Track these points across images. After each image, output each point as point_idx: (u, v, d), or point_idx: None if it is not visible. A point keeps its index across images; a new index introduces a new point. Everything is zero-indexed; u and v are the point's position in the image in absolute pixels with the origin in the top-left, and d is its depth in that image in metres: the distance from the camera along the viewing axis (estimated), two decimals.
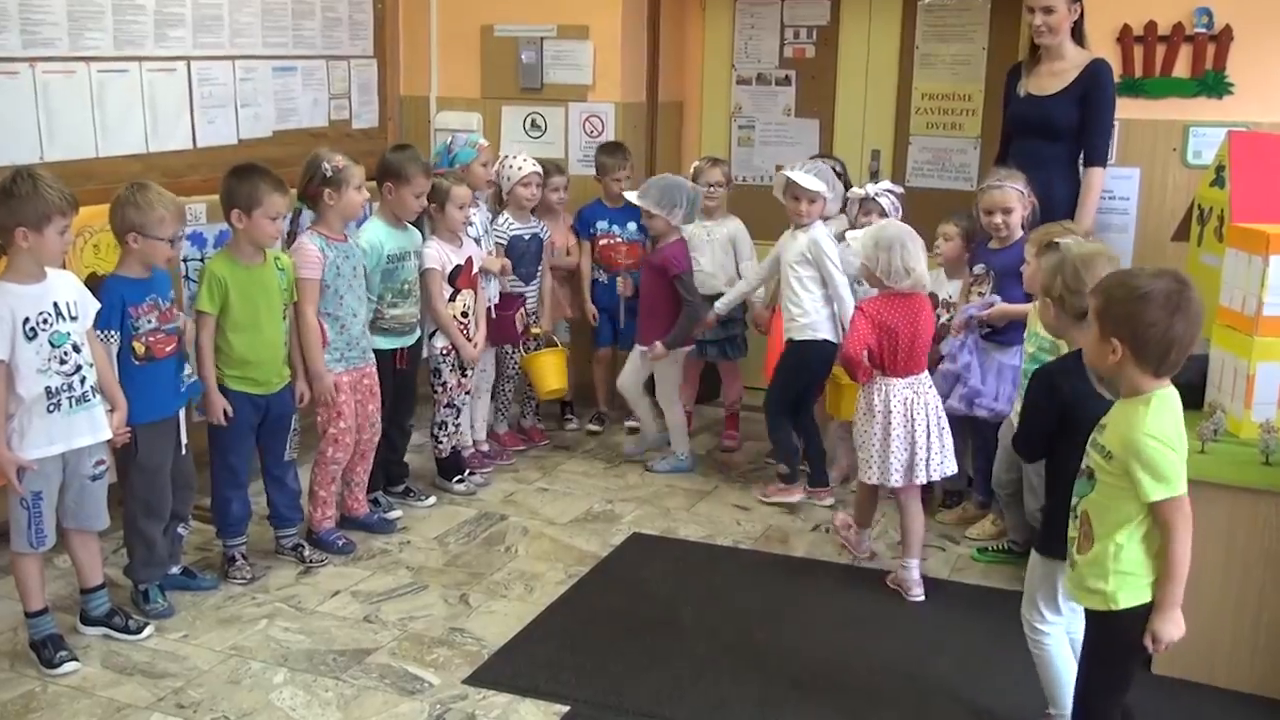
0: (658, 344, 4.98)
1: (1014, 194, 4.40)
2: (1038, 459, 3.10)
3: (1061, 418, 2.87)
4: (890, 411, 3.97)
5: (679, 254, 4.97)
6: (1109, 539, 2.60)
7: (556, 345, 5.32)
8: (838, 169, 5.17)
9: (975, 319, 4.39)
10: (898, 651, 3.71)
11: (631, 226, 5.54)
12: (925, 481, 4.06)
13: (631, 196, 4.91)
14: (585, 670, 3.55)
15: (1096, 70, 4.66)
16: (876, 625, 3.89)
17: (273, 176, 3.93)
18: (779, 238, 5.15)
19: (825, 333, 4.69)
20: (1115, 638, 2.65)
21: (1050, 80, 4.72)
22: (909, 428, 3.97)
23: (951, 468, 4.08)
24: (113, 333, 3.60)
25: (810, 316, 4.69)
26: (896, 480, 4.00)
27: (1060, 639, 3.06)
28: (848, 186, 5.12)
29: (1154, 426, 2.52)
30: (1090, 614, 2.70)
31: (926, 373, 4.04)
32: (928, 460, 4.00)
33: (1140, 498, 2.53)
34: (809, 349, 4.70)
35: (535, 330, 5.29)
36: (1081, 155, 4.71)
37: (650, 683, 3.49)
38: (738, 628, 3.85)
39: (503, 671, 3.55)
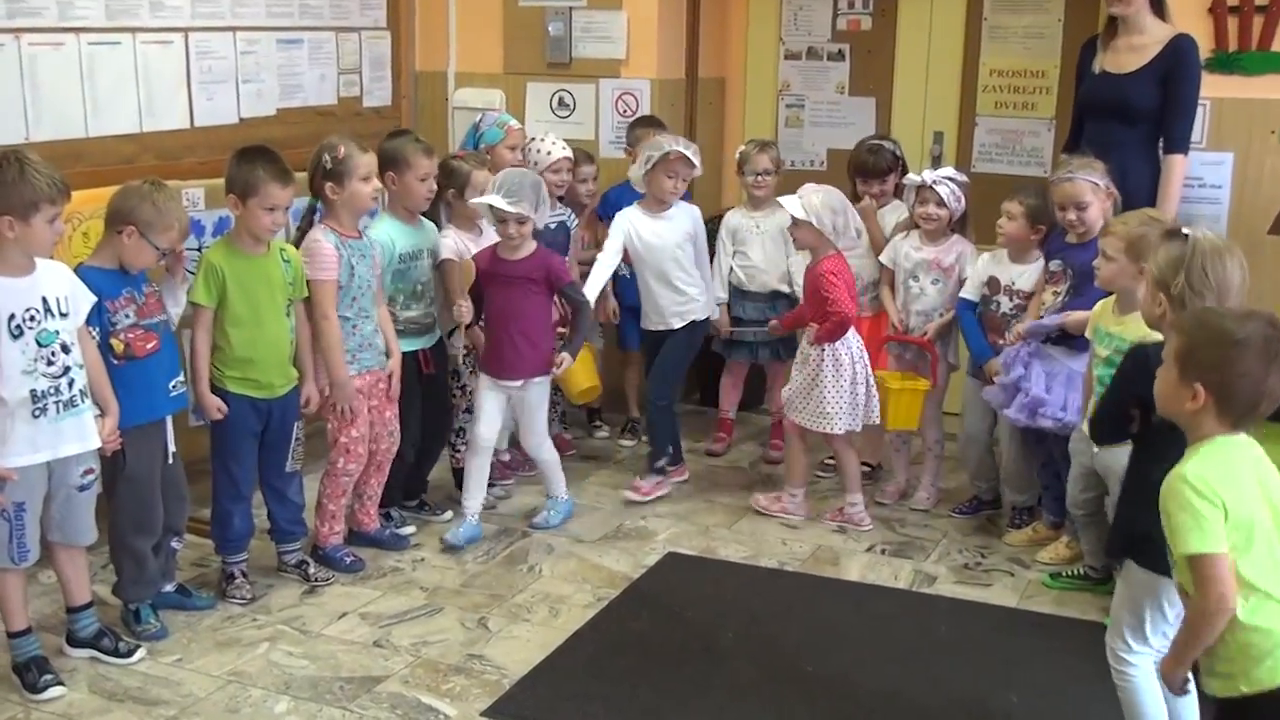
0: (564, 355, 4.66)
1: (1086, 186, 4.33)
2: (1110, 440, 3.08)
3: (1145, 402, 2.81)
4: (855, 360, 4.65)
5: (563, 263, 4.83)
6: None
7: (585, 343, 5.32)
8: (896, 151, 5.17)
9: (1046, 332, 4.36)
10: (960, 685, 3.70)
11: None
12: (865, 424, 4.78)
13: (497, 201, 4.41)
14: (615, 701, 3.56)
15: (1181, 46, 4.62)
16: (936, 656, 3.87)
17: (278, 165, 3.94)
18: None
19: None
20: None
21: (1129, 56, 4.68)
22: (862, 374, 4.70)
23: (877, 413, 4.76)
24: (92, 330, 3.62)
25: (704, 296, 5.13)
26: (867, 420, 4.71)
27: (1149, 671, 3.02)
28: (904, 171, 5.12)
29: (1193, 470, 2.45)
30: (1216, 701, 2.58)
31: None
32: (867, 403, 4.72)
33: (1175, 551, 2.46)
34: (702, 329, 5.20)
35: (562, 330, 5.29)
36: (1161, 141, 4.68)
37: (686, 716, 3.50)
38: (783, 657, 3.85)
39: (525, 702, 3.56)
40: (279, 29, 5.25)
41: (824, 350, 4.66)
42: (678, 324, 5.08)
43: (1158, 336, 3.06)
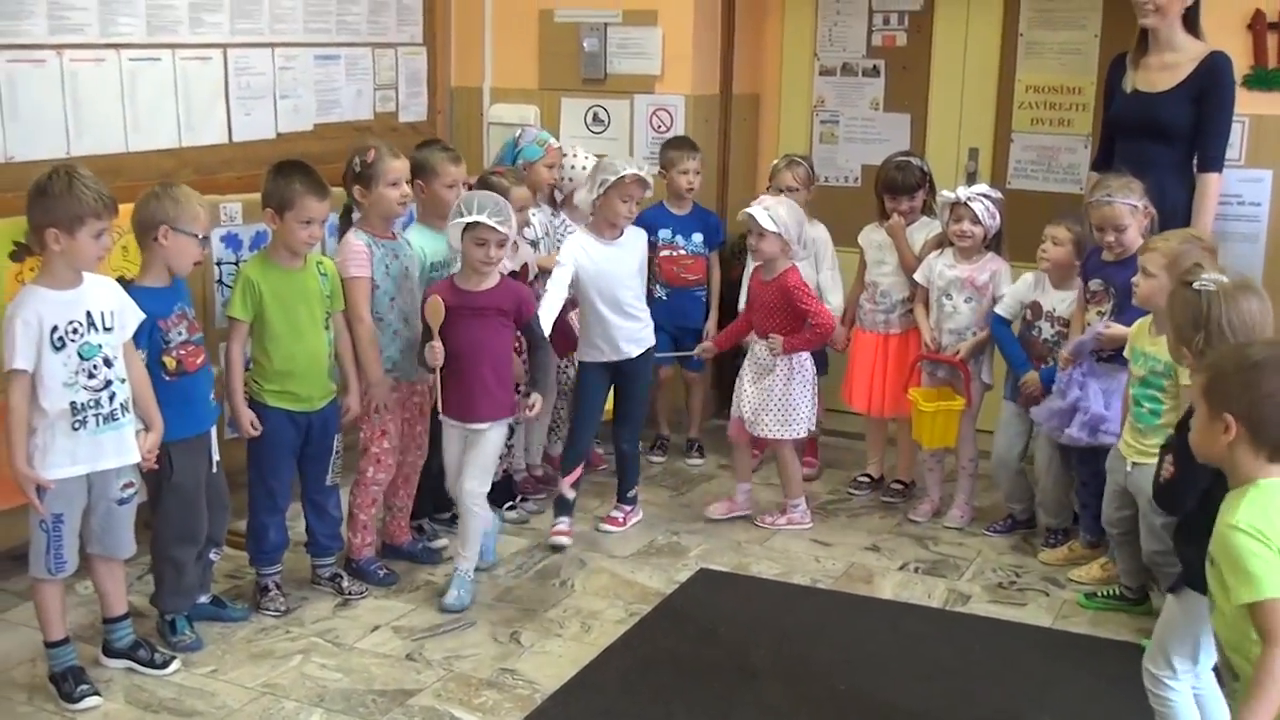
0: (535, 395, 4.35)
1: (1125, 209, 4.30)
2: (1177, 514, 3.03)
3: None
4: (807, 369, 4.83)
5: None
6: (1246, 666, 2.46)
7: None
8: (924, 168, 5.16)
9: (1089, 348, 4.34)
10: (995, 706, 3.68)
11: (698, 238, 5.56)
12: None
13: (486, 219, 4.05)
14: (647, 718, 3.56)
15: (1216, 64, 4.59)
16: (971, 676, 3.86)
17: (313, 178, 3.99)
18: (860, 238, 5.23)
19: None
20: None
21: (1161, 75, 4.65)
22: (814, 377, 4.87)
23: None
24: (140, 351, 3.66)
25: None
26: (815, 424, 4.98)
27: (1187, 697, 3.00)
28: (933, 189, 5.11)
29: (1244, 517, 2.41)
30: None
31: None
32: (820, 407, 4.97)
33: (1232, 600, 2.40)
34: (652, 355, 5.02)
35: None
36: (1195, 159, 4.65)
37: None
38: (816, 675, 3.84)
39: (557, 718, 3.57)
40: (316, 45, 5.31)
41: (790, 359, 4.78)
42: (635, 351, 4.79)
43: None
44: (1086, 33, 5.68)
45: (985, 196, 4.80)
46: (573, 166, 5.25)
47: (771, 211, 4.66)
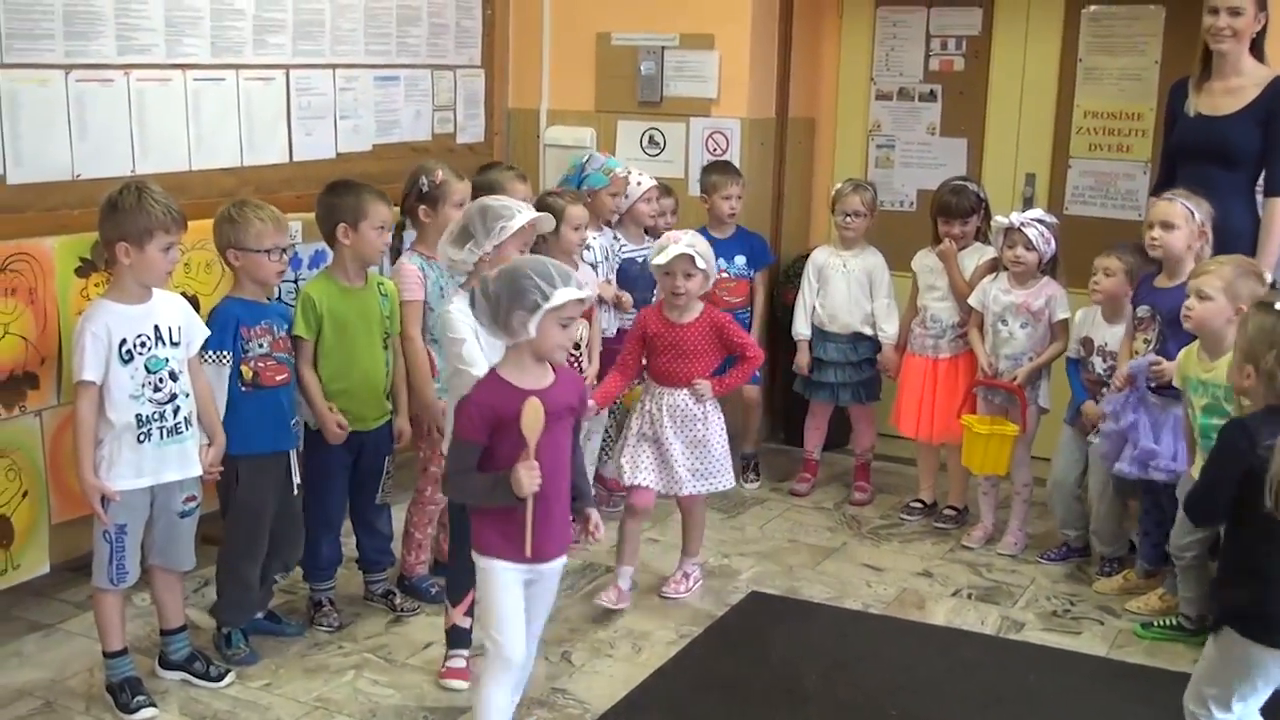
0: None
1: (1181, 211, 4.29)
2: (1208, 524, 3.03)
3: (1246, 479, 2.79)
4: (721, 411, 4.46)
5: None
6: None
7: None
8: (979, 193, 5.15)
9: (1143, 372, 4.31)
10: None
11: (740, 260, 5.57)
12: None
13: (575, 294, 3.17)
14: None
15: None
16: (1024, 705, 3.84)
17: (373, 188, 4.08)
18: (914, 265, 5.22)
19: None
20: None
21: (1225, 99, 4.63)
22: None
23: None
24: (225, 354, 3.76)
25: None
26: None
27: None
28: (989, 216, 5.09)
29: None
30: None
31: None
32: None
33: None
34: None
35: None
36: (1262, 183, 4.62)
37: None
38: (868, 701, 3.83)
39: None
40: (377, 66, 5.38)
41: (707, 406, 4.38)
42: None
43: None
44: (1146, 58, 5.65)
45: (1039, 221, 4.79)
46: (629, 184, 5.28)
47: (696, 248, 4.26)
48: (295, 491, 4.00)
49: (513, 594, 3.16)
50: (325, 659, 4.01)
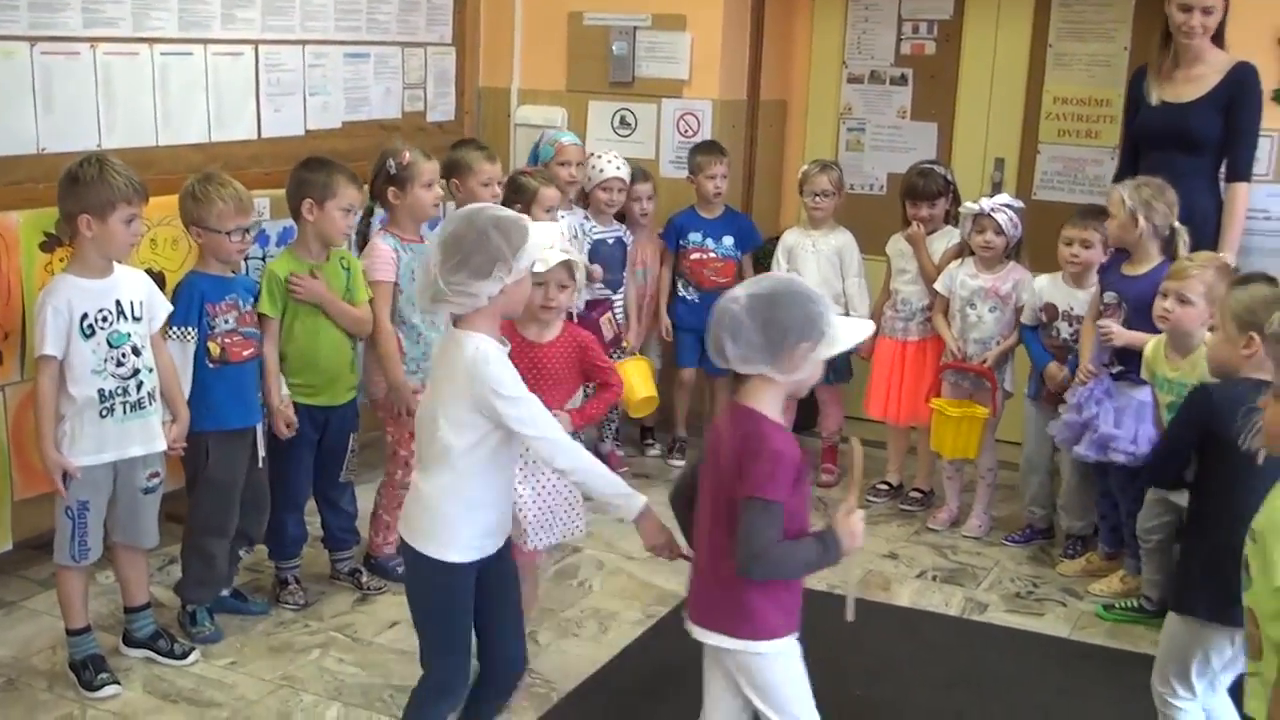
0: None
1: (1115, 197, 4.36)
2: (1160, 482, 3.07)
3: (1205, 443, 2.80)
4: None
5: None
6: (1274, 652, 2.41)
7: (638, 355, 5.35)
8: (947, 176, 5.17)
9: (1103, 357, 4.34)
10: (1011, 715, 3.68)
11: (728, 241, 5.58)
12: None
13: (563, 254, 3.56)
14: None
15: (1244, 74, 4.61)
16: (988, 685, 3.86)
17: (347, 169, 4.05)
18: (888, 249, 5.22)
19: None
20: None
21: (1188, 87, 4.67)
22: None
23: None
24: (189, 330, 3.73)
25: None
26: None
27: (1197, 715, 3.00)
28: (957, 201, 5.10)
29: None
30: None
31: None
32: None
33: (1269, 580, 2.36)
34: None
35: (626, 342, 5.33)
36: (1224, 169, 4.66)
37: None
38: (833, 682, 3.80)
39: (573, 717, 3.58)
40: (346, 43, 5.33)
41: None
42: None
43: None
44: (1115, 45, 5.67)
45: (1008, 207, 4.81)
46: (593, 166, 5.28)
47: (573, 254, 3.65)
48: (260, 465, 3.97)
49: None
50: (291, 637, 3.99)
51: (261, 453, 3.97)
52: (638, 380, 5.07)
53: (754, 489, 2.55)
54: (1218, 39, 4.66)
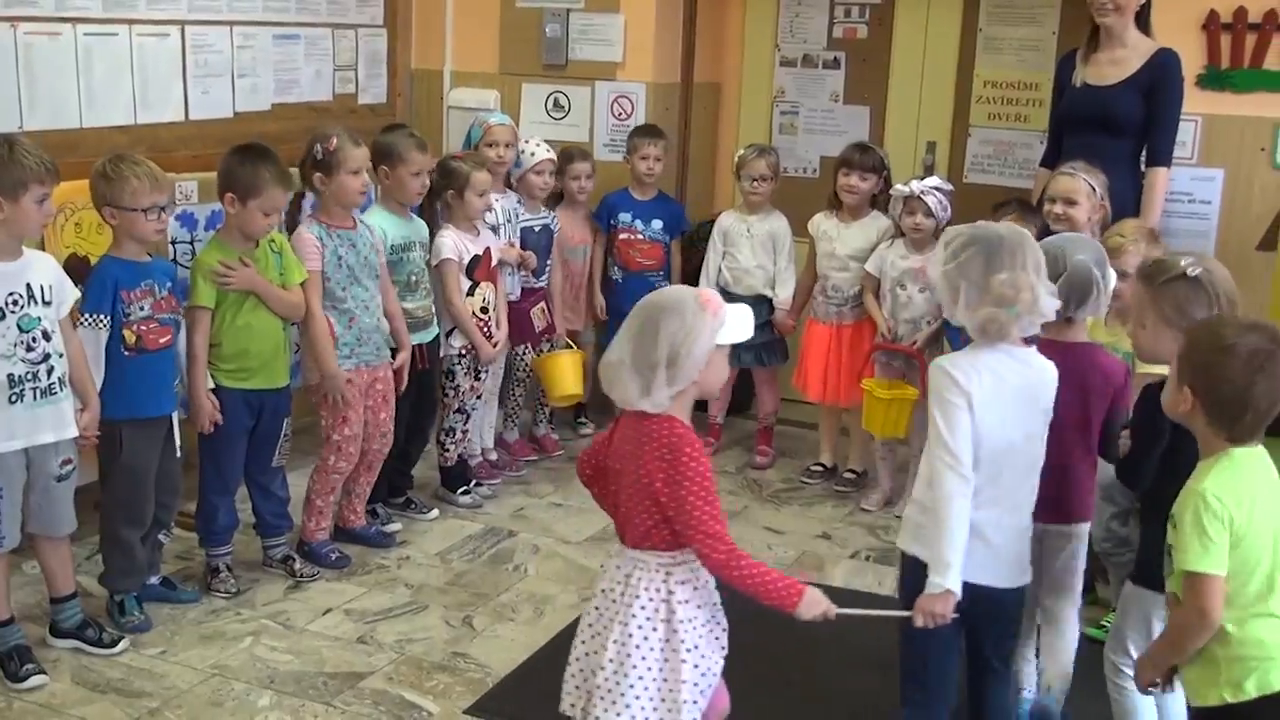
0: None
1: (1084, 186, 4.35)
2: (1137, 482, 3.08)
3: (1171, 439, 2.81)
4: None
5: None
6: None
7: (573, 347, 5.33)
8: (884, 159, 5.18)
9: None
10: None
11: (657, 224, 5.57)
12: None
13: None
14: None
15: (1165, 60, 4.65)
16: None
17: (279, 168, 3.95)
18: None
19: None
20: None
21: (1111, 69, 4.72)
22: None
23: None
24: (102, 317, 3.64)
25: None
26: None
27: None
28: (889, 184, 5.12)
29: (1211, 487, 2.44)
30: (1199, 712, 2.58)
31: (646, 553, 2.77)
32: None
33: (1176, 564, 2.46)
34: None
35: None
36: (1144, 154, 4.70)
37: None
38: (768, 663, 3.85)
39: (508, 701, 3.56)
40: (276, 24, 5.25)
41: None
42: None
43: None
44: (1044, 29, 5.72)
45: (937, 189, 4.84)
46: (523, 152, 5.21)
47: None
48: (177, 454, 3.91)
49: None
50: (222, 625, 3.94)
51: (178, 442, 3.90)
52: (567, 375, 5.11)
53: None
54: (1142, 24, 4.71)
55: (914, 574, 2.92)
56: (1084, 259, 3.11)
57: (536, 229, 5.26)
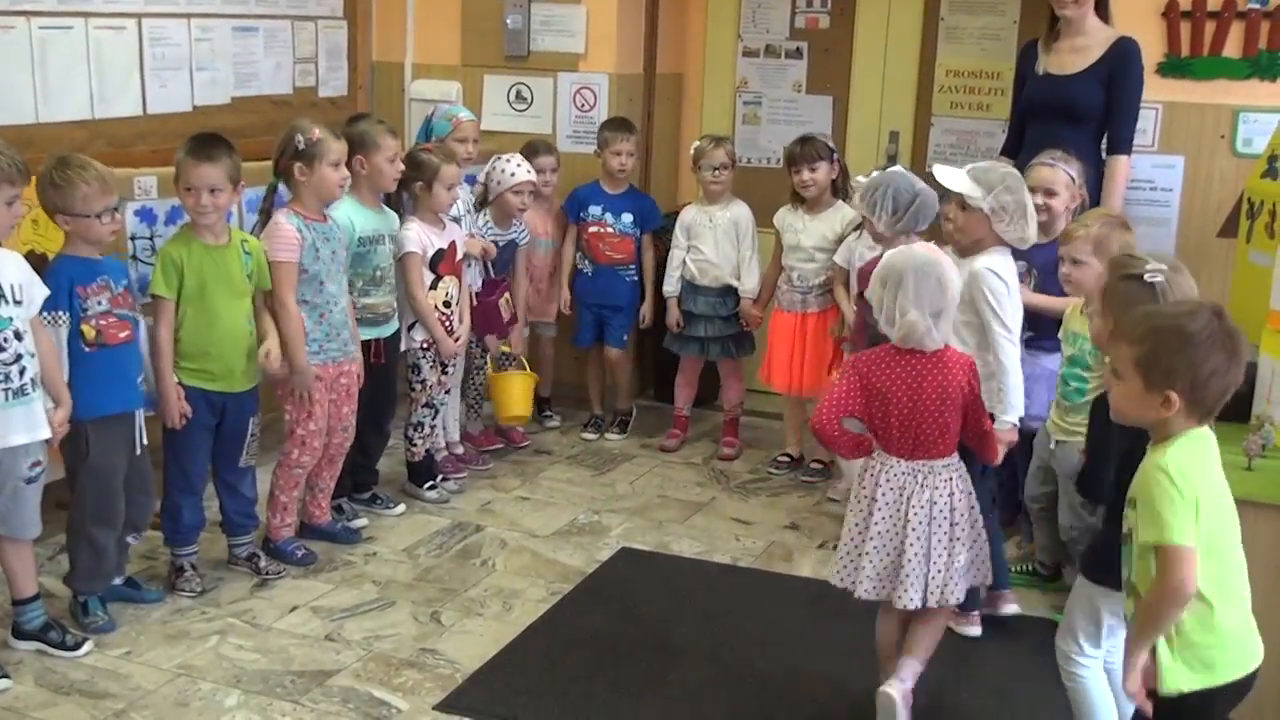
0: None
1: (1064, 176, 4.37)
2: (1110, 497, 3.07)
3: (1130, 446, 2.84)
4: (875, 500, 3.32)
5: None
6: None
7: (525, 368, 5.35)
8: (829, 143, 5.18)
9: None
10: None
11: (627, 218, 5.57)
12: (911, 607, 3.32)
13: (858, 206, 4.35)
14: (569, 697, 3.56)
15: (1125, 49, 4.68)
16: None
17: (201, 144, 3.87)
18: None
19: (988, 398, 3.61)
20: None
21: (1071, 58, 4.75)
22: (899, 528, 3.31)
23: (957, 596, 3.35)
24: (61, 314, 3.60)
25: None
26: (865, 591, 3.36)
27: (1098, 673, 3.07)
28: (846, 175, 5.13)
29: (1172, 459, 2.46)
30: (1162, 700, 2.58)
31: (950, 461, 3.34)
32: (925, 578, 3.29)
33: (1141, 538, 2.47)
34: None
35: (507, 345, 5.31)
36: (1105, 142, 4.73)
37: (639, 712, 3.51)
38: (736, 653, 3.86)
39: (477, 697, 3.55)
40: (234, 16, 5.20)
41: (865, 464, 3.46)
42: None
43: None
44: (1005, 19, 5.75)
45: None
46: (502, 170, 5.14)
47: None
48: (139, 451, 3.86)
49: None
50: (187, 625, 3.90)
51: (142, 439, 3.86)
52: (516, 398, 5.27)
53: None
54: (1102, 12, 4.74)
55: None
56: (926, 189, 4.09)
57: (501, 244, 5.22)
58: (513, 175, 5.16)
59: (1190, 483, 2.44)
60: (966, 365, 3.32)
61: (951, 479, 3.31)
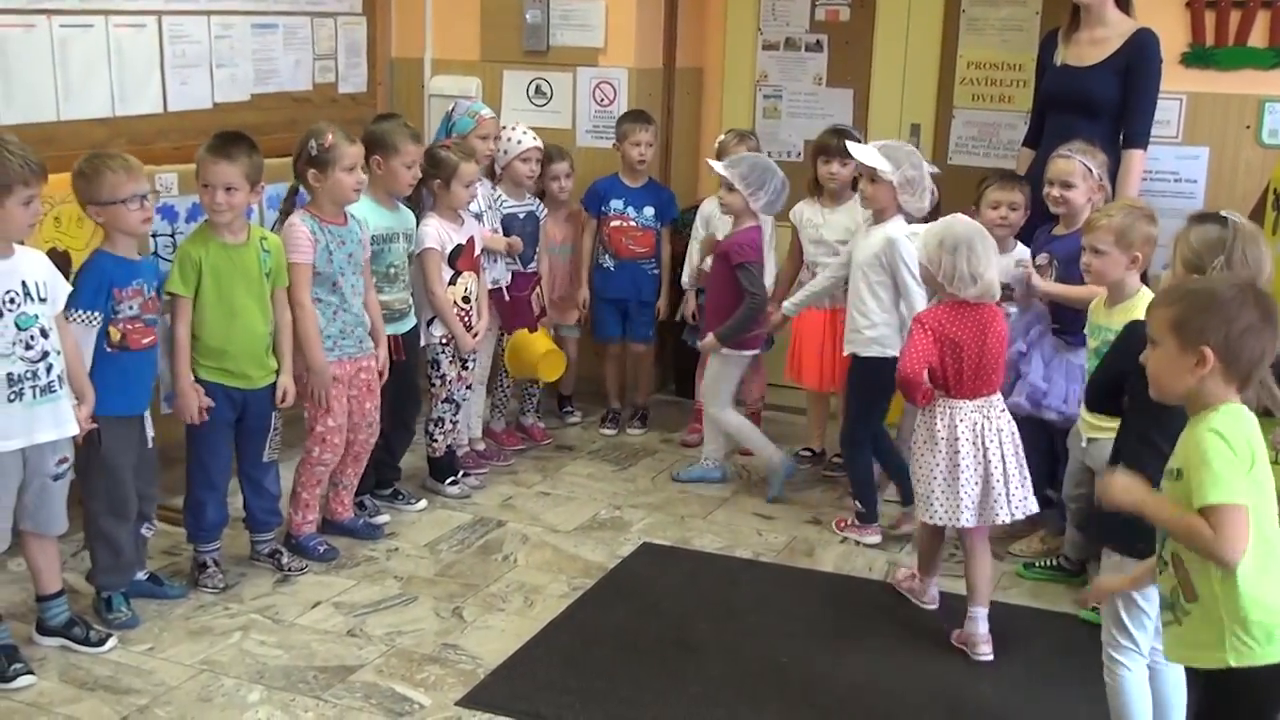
0: (709, 335, 4.88)
1: (1080, 168, 4.35)
2: (1100, 408, 3.26)
3: (1137, 378, 2.81)
4: (958, 439, 3.78)
5: (748, 241, 4.82)
6: (1211, 583, 2.46)
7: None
8: (859, 138, 5.16)
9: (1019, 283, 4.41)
10: (936, 678, 3.71)
11: (649, 211, 5.56)
12: (1006, 521, 3.87)
13: (718, 166, 4.78)
14: (590, 693, 3.56)
15: (1143, 41, 4.65)
16: (912, 648, 3.89)
17: (221, 142, 3.89)
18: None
19: (894, 347, 4.34)
20: (1237, 703, 2.50)
21: (1090, 50, 4.72)
22: (980, 458, 3.80)
23: (1033, 505, 3.89)
24: (95, 314, 3.64)
25: (879, 330, 4.54)
26: (969, 520, 3.80)
27: (1140, 673, 3.03)
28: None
29: (1222, 423, 2.44)
30: (1204, 676, 2.55)
31: (999, 395, 3.88)
32: (1007, 496, 3.81)
33: (1195, 503, 2.42)
34: (881, 367, 4.39)
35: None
36: (1121, 135, 4.70)
37: (661, 708, 3.51)
38: (758, 649, 3.86)
39: (500, 693, 3.56)
40: (254, 13, 5.21)
41: (924, 412, 3.96)
42: None
43: None
44: (1028, 9, 5.71)
45: None
46: (508, 139, 5.20)
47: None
48: (150, 445, 3.89)
49: None
50: (210, 620, 3.92)
51: (150, 433, 3.89)
52: (534, 340, 5.11)
53: None
54: (1123, 4, 4.70)
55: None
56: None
57: (521, 215, 5.24)
58: (519, 143, 5.19)
59: (1244, 443, 2.42)
60: (1001, 314, 3.88)
61: (1005, 410, 3.88)
